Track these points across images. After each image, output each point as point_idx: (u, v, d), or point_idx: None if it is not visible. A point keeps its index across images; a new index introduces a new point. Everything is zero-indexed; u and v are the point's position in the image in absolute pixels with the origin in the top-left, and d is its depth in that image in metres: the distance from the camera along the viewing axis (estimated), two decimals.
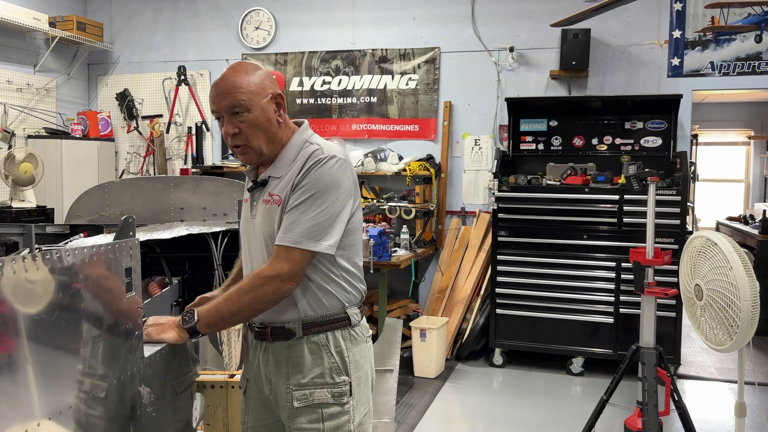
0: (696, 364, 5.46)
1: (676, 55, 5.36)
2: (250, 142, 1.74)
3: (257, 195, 1.82)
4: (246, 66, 1.76)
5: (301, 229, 1.67)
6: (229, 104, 1.70)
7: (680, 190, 4.78)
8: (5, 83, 5.94)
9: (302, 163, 1.73)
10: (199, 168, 6.28)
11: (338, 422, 1.75)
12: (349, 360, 1.78)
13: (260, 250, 1.79)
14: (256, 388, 1.87)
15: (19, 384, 1.20)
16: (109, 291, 1.48)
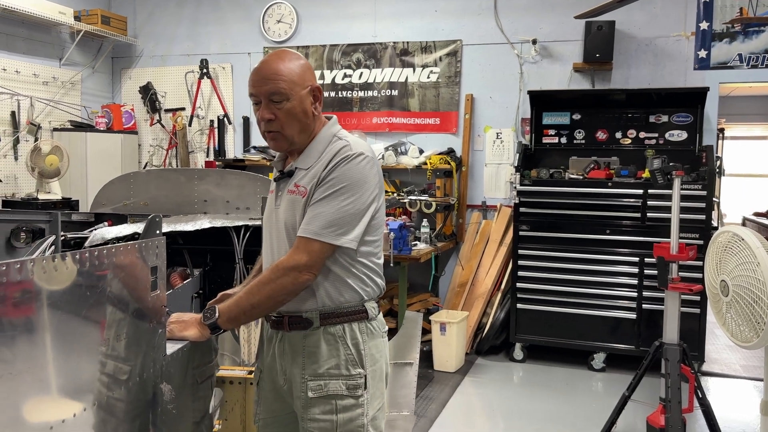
0: (720, 362, 5.38)
1: (703, 47, 5.27)
2: (283, 130, 1.76)
3: (283, 185, 1.83)
4: (289, 54, 1.78)
5: (323, 222, 1.68)
6: (269, 90, 1.72)
7: (706, 184, 4.70)
8: (32, 77, 6.03)
9: (330, 157, 1.74)
10: (220, 161, 6.31)
11: (352, 414, 1.75)
12: (365, 353, 1.78)
13: (282, 241, 1.79)
14: (269, 379, 1.88)
15: (44, 381, 1.21)
16: (134, 289, 1.49)
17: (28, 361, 1.16)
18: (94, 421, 1.34)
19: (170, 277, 3.30)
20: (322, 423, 1.73)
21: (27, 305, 1.16)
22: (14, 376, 1.13)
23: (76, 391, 1.30)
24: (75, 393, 1.29)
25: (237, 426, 2.12)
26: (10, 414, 1.13)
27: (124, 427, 1.47)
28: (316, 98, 1.79)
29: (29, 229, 3.01)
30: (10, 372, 1.13)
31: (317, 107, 1.80)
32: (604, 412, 3.90)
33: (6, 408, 1.12)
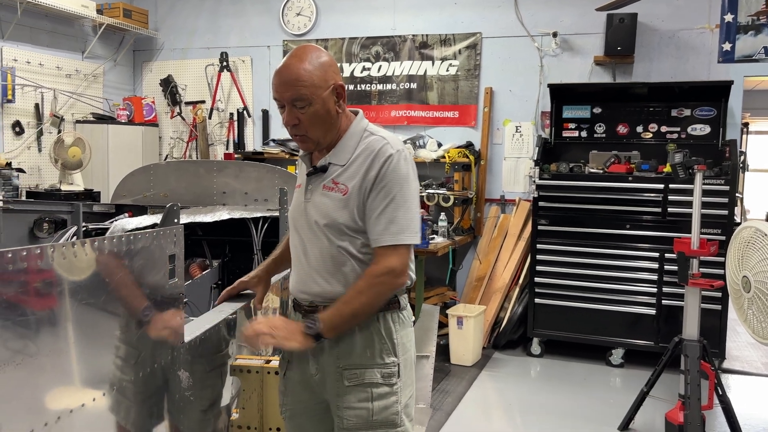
0: (742, 359, 5.32)
1: (727, 39, 5.18)
2: (309, 132, 1.77)
3: (316, 180, 1.82)
4: (309, 54, 1.75)
5: (399, 227, 1.74)
6: (291, 97, 1.73)
7: (729, 179, 4.64)
8: (55, 69, 6.10)
9: (371, 156, 1.75)
10: (240, 154, 6.35)
11: (387, 402, 1.77)
12: (398, 342, 1.80)
13: (314, 235, 1.80)
14: (299, 369, 1.88)
15: (63, 366, 1.23)
16: (152, 277, 1.50)
17: (46, 346, 1.18)
18: (112, 406, 1.36)
19: (189, 268, 3.35)
20: (359, 411, 1.76)
21: (46, 291, 1.18)
22: (33, 361, 1.15)
23: (95, 376, 1.32)
24: (93, 378, 1.31)
25: (254, 414, 2.13)
26: (29, 398, 1.15)
27: (141, 413, 1.49)
28: (340, 96, 1.78)
29: (51, 219, 3.07)
30: (29, 357, 1.15)
31: (341, 105, 1.79)
32: (621, 408, 3.88)
33: (25, 392, 1.15)
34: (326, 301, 1.80)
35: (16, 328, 1.12)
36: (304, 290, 1.86)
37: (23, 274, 1.12)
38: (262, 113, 6.64)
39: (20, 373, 1.12)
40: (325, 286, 1.80)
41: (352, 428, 1.77)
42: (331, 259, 1.79)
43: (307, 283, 1.84)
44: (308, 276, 1.83)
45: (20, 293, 1.12)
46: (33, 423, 1.14)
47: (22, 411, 1.14)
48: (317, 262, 1.81)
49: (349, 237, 1.77)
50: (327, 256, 1.79)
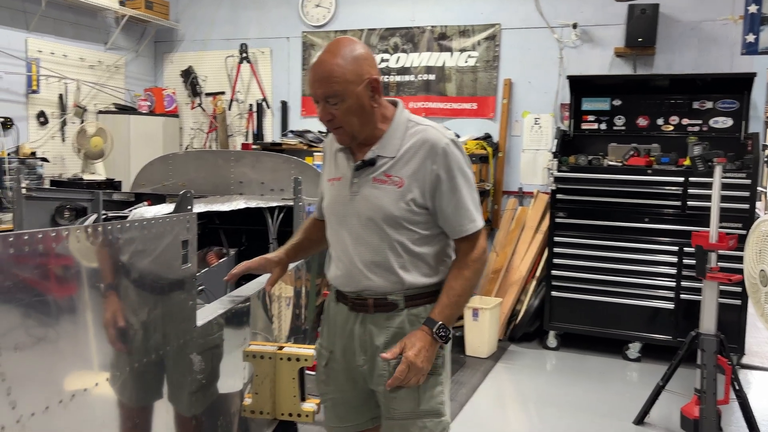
0: (762, 355, 5.25)
1: (751, 31, 5.09)
2: (344, 127, 1.78)
3: (362, 173, 1.81)
4: (343, 49, 1.74)
5: (474, 213, 1.81)
6: (323, 93, 1.74)
7: (750, 173, 4.57)
8: (78, 60, 6.19)
9: (426, 149, 1.76)
10: (258, 145, 6.40)
11: (433, 392, 1.81)
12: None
13: (366, 230, 1.79)
14: (344, 359, 1.89)
15: (78, 347, 1.27)
16: (166, 262, 1.53)
17: (61, 327, 1.21)
18: (125, 386, 1.40)
19: (207, 256, 3.39)
20: (405, 402, 1.78)
21: (62, 275, 1.22)
22: (49, 341, 1.18)
23: (108, 357, 1.35)
24: (107, 359, 1.35)
25: (267, 399, 2.16)
26: (45, 377, 1.19)
27: (153, 394, 1.52)
28: (375, 90, 1.77)
29: (72, 207, 3.13)
30: (46, 337, 1.18)
31: (376, 98, 1.78)
32: (638, 402, 3.86)
33: (42, 371, 1.18)
34: (375, 294, 1.81)
35: (35, 310, 1.15)
36: (350, 284, 1.84)
37: (39, 257, 1.15)
38: (281, 104, 6.68)
39: (37, 352, 1.16)
40: (376, 280, 1.79)
41: (400, 417, 1.79)
42: (384, 253, 1.78)
43: (355, 278, 1.82)
44: (356, 270, 1.81)
45: (37, 276, 1.15)
46: (49, 399, 1.18)
47: (38, 388, 1.17)
48: (368, 256, 1.79)
49: (406, 230, 1.78)
50: (380, 250, 1.78)
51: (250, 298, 2.18)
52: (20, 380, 1.12)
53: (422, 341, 1.73)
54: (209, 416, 1.85)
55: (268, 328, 2.44)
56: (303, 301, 2.98)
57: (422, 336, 1.74)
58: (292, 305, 2.78)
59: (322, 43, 6.47)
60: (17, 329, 1.12)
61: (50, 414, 1.18)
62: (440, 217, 1.79)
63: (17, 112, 5.66)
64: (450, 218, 1.79)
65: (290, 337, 2.72)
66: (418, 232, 1.78)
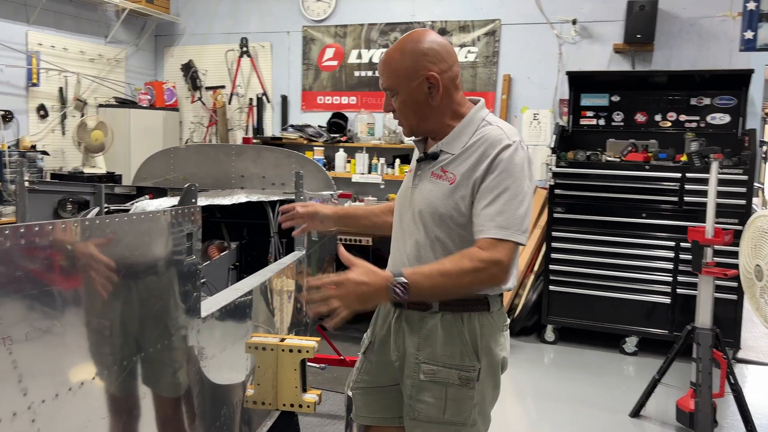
0: (758, 349, 5.30)
1: (749, 27, 5.12)
2: (403, 120, 1.82)
3: (425, 167, 1.80)
4: (408, 43, 1.75)
5: (508, 220, 1.62)
6: (382, 86, 1.81)
7: (747, 169, 4.60)
8: (79, 54, 6.21)
9: (485, 146, 1.69)
10: (259, 139, 6.42)
11: (461, 404, 1.73)
12: (481, 345, 1.74)
13: (413, 223, 1.78)
14: (381, 351, 1.88)
15: (80, 338, 1.29)
16: (170, 254, 1.56)
17: (69, 318, 1.24)
18: (131, 375, 1.43)
19: (208, 249, 3.42)
20: (430, 406, 1.74)
21: (66, 266, 1.24)
22: (57, 332, 1.21)
23: (115, 347, 1.38)
24: (113, 349, 1.38)
25: (269, 390, 2.19)
26: (54, 366, 1.22)
27: (158, 383, 1.55)
28: (433, 87, 1.73)
29: (75, 200, 3.15)
30: (54, 328, 1.21)
31: (434, 95, 1.73)
32: (634, 395, 3.91)
33: (51, 360, 1.21)
34: None
35: (43, 301, 1.18)
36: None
37: (48, 249, 1.18)
38: (281, 99, 6.70)
39: (46, 341, 1.19)
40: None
41: (422, 420, 1.75)
42: (425, 249, 1.74)
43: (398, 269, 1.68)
44: (400, 262, 1.80)
45: (46, 268, 1.18)
46: (58, 387, 1.21)
47: (48, 376, 1.20)
48: (411, 249, 1.77)
49: (449, 228, 1.71)
50: (422, 246, 1.75)
51: (252, 291, 2.21)
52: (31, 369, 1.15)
53: (374, 281, 1.57)
54: (213, 406, 1.88)
55: (270, 320, 2.47)
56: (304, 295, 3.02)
57: (380, 277, 1.57)
58: (294, 299, 2.81)
59: (323, 37, 6.49)
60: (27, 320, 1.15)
61: (60, 401, 1.21)
62: (473, 212, 1.67)
63: (17, 105, 5.68)
64: (479, 214, 1.65)
65: (291, 330, 2.75)
66: (461, 233, 1.71)
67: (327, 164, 6.24)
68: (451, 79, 1.76)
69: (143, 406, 1.49)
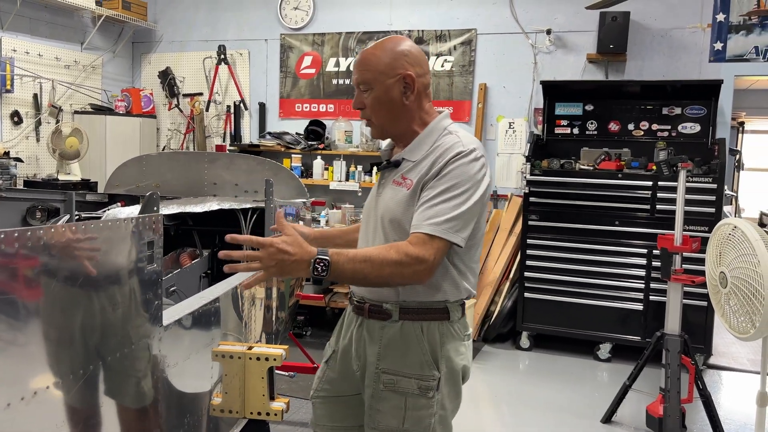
0: (728, 355, 5.38)
1: (719, 39, 5.22)
2: (372, 118, 1.78)
3: (388, 175, 1.82)
4: (388, 43, 1.77)
5: (442, 218, 1.62)
6: (356, 80, 1.78)
7: (717, 177, 4.69)
8: (54, 60, 6.16)
9: (440, 152, 1.71)
10: (236, 146, 6.40)
11: (420, 414, 1.72)
12: (441, 354, 1.74)
13: (378, 230, 1.78)
14: (342, 361, 1.88)
15: (39, 345, 1.29)
16: (131, 262, 1.56)
17: (18, 326, 1.23)
18: (89, 386, 1.42)
19: (180, 257, 3.41)
20: (389, 416, 1.73)
21: (25, 275, 1.24)
22: (4, 341, 1.21)
23: (71, 355, 1.38)
24: (69, 358, 1.37)
25: (236, 399, 2.19)
26: (6, 373, 1.21)
27: (118, 393, 1.55)
28: (408, 87, 1.74)
29: (44, 208, 3.13)
30: (7, 336, 1.21)
31: (408, 96, 1.75)
32: (607, 401, 3.95)
33: (3, 368, 1.21)
34: (373, 301, 1.78)
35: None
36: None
37: (2, 257, 1.18)
38: (259, 106, 6.69)
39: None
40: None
41: (382, 430, 1.74)
42: None
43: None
44: None
45: (1, 276, 1.18)
46: (10, 397, 1.20)
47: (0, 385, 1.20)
48: None
49: (406, 234, 1.68)
50: None
51: (220, 299, 2.21)
52: None
53: (297, 252, 1.52)
54: (176, 414, 1.87)
55: (239, 328, 2.47)
56: (275, 303, 3.01)
57: (304, 251, 1.53)
58: (264, 306, 2.81)
59: (301, 45, 6.51)
60: None
61: (12, 410, 1.20)
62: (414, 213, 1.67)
63: None
64: (417, 213, 1.65)
65: (262, 337, 2.75)
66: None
67: (305, 172, 6.24)
68: (425, 85, 1.80)
69: (102, 415, 1.48)
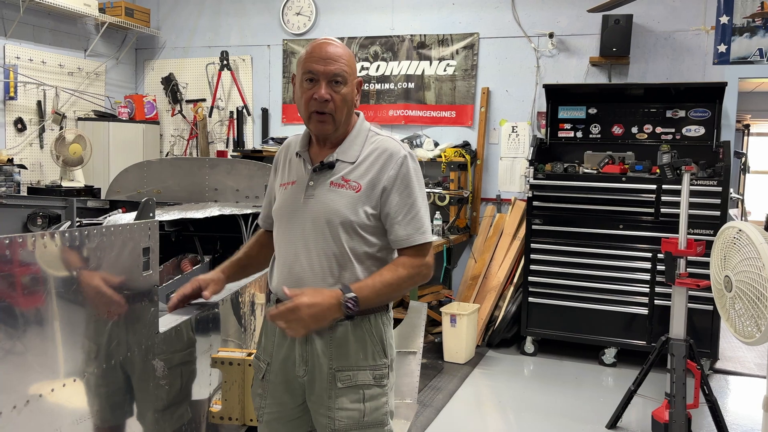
0: (735, 359, 5.33)
1: (722, 41, 5.20)
2: (335, 113, 1.76)
3: (320, 177, 1.79)
4: (343, 44, 1.81)
5: (424, 226, 1.80)
6: (333, 71, 1.73)
7: (721, 180, 4.65)
8: (57, 67, 6.18)
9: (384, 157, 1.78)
10: (239, 152, 6.41)
11: (377, 403, 1.80)
12: (387, 343, 1.83)
13: (319, 234, 1.76)
14: (281, 371, 1.83)
15: (32, 352, 1.28)
16: (126, 269, 1.55)
17: (13, 333, 1.22)
18: (83, 393, 1.41)
19: (181, 263, 3.40)
20: (350, 412, 1.76)
21: (21, 282, 1.23)
22: (7, 347, 1.20)
23: (67, 362, 1.37)
24: (65, 364, 1.36)
25: (236, 405, 2.18)
26: (3, 380, 1.20)
27: (114, 400, 1.53)
28: (358, 90, 1.83)
29: (45, 214, 3.12)
30: (5, 343, 1.19)
31: (358, 99, 1.84)
32: (612, 406, 3.91)
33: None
34: None
35: None
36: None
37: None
38: (262, 112, 6.70)
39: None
40: (321, 285, 1.74)
41: (343, 429, 1.76)
42: (334, 259, 1.75)
43: (299, 283, 1.76)
44: (302, 275, 1.77)
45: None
46: (2, 406, 1.19)
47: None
48: (319, 261, 1.76)
49: (359, 236, 1.76)
50: (331, 256, 1.75)
51: (219, 305, 2.20)
52: None
53: (325, 300, 1.65)
54: (173, 420, 1.86)
55: (239, 334, 2.45)
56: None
57: (329, 295, 1.66)
58: (264, 312, 2.80)
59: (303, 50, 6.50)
60: None
61: (4, 419, 1.19)
62: (390, 224, 1.77)
63: None
64: (400, 226, 1.77)
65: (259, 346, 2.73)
66: (369, 240, 1.78)
67: None
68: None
69: (97, 423, 1.47)
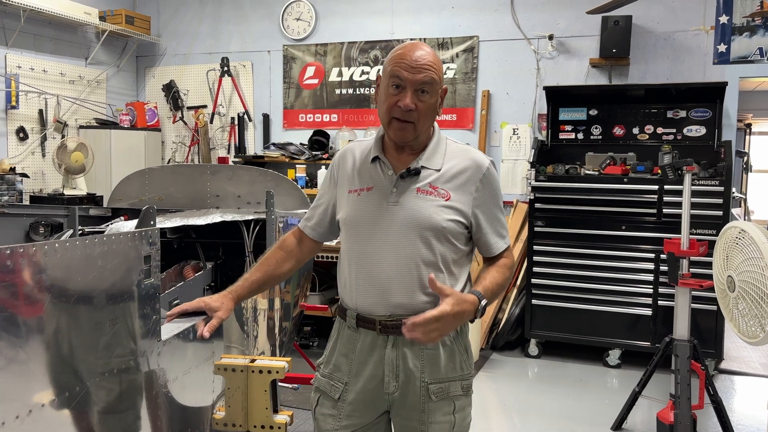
0: (740, 360, 5.32)
1: (722, 41, 5.19)
2: (418, 122, 1.71)
3: (405, 183, 1.75)
4: (433, 51, 1.75)
5: (506, 233, 1.87)
6: (422, 79, 1.67)
7: (723, 180, 4.65)
8: (58, 76, 6.20)
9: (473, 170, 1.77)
10: (241, 157, 6.42)
11: (464, 413, 1.81)
12: (469, 351, 1.83)
13: (406, 240, 1.72)
14: (366, 389, 1.77)
15: (34, 361, 1.28)
16: (128, 277, 1.55)
17: (14, 343, 1.22)
18: (86, 401, 1.41)
19: (183, 269, 3.40)
20: (442, 425, 1.76)
21: (19, 290, 1.23)
22: (9, 357, 1.20)
23: (68, 372, 1.37)
24: (66, 374, 1.36)
25: (239, 412, 2.17)
26: (3, 393, 1.20)
27: (118, 410, 1.53)
28: (442, 98, 1.79)
29: (48, 223, 3.13)
30: (8, 353, 1.20)
31: (440, 108, 1.79)
32: (617, 408, 3.90)
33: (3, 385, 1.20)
34: (409, 312, 1.68)
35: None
36: (380, 304, 1.74)
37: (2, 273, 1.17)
38: (263, 117, 6.71)
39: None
40: (410, 294, 1.71)
41: None
42: (423, 266, 1.71)
43: (386, 294, 1.72)
44: (389, 287, 1.72)
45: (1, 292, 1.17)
46: (4, 416, 1.19)
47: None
48: (407, 268, 1.71)
49: (450, 243, 1.73)
50: (420, 264, 1.71)
51: None
52: None
53: (467, 308, 1.65)
54: (177, 428, 1.86)
55: (242, 340, 2.45)
56: (279, 313, 3.00)
57: (470, 302, 1.66)
58: (267, 317, 2.80)
59: (303, 56, 6.52)
60: None
61: (7, 429, 1.19)
62: (482, 233, 1.79)
63: None
64: (492, 234, 1.81)
65: (265, 349, 2.73)
66: (456, 246, 1.75)
67: (309, 182, 6.24)
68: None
69: (101, 431, 1.47)
